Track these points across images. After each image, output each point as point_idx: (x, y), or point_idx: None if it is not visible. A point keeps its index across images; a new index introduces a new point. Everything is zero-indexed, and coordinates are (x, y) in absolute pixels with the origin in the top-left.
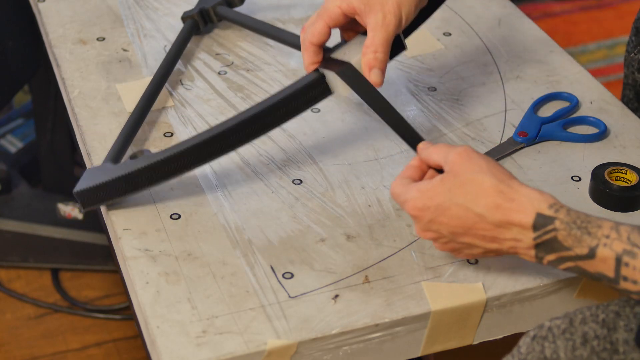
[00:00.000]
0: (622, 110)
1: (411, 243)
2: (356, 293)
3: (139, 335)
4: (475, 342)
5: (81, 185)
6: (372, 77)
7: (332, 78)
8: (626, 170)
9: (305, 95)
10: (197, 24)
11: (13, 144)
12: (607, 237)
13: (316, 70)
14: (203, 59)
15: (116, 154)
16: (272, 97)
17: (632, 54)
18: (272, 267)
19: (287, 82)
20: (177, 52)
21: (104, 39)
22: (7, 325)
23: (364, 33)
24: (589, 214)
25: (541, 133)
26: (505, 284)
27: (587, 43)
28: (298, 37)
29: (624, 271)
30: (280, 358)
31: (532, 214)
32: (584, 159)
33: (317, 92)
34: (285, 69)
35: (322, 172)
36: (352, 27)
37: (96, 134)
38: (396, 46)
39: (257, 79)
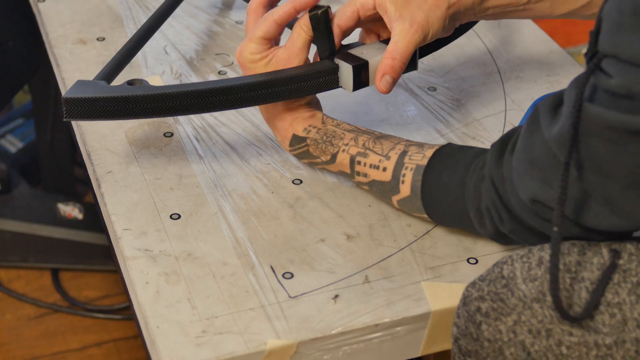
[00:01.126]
0: None
1: (411, 243)
2: (356, 293)
3: (139, 335)
4: None
5: (71, 93)
6: (382, 83)
7: (346, 71)
8: None
9: (314, 79)
10: None
11: (13, 144)
12: (346, 145)
13: (331, 59)
14: (203, 59)
15: (109, 74)
16: (283, 71)
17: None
18: (272, 267)
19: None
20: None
21: (104, 39)
22: (7, 325)
23: (384, 41)
24: (339, 128)
25: None
26: None
27: (587, 43)
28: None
29: (357, 168)
30: (280, 358)
31: (289, 135)
32: None
33: (327, 81)
34: None
35: (322, 172)
36: (374, 29)
37: (96, 134)
38: (409, 63)
39: None
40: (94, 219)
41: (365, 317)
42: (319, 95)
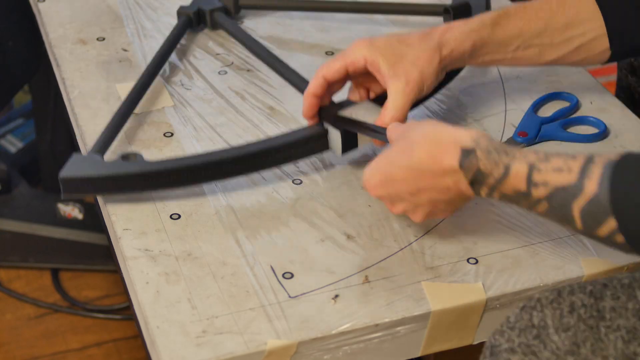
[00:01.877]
0: (622, 111)
1: (411, 243)
2: (356, 293)
3: (139, 335)
4: (475, 342)
5: (67, 172)
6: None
7: (335, 136)
8: None
9: (304, 146)
10: (192, 22)
11: (13, 144)
12: (522, 153)
13: (320, 124)
14: (203, 59)
15: (103, 145)
16: (273, 140)
17: None
18: (272, 267)
19: (287, 82)
20: (170, 46)
21: (104, 39)
22: (7, 325)
23: (374, 100)
24: (509, 145)
25: (541, 133)
26: (505, 284)
27: None
28: (288, 67)
29: (535, 177)
30: (280, 358)
31: (457, 151)
32: None
33: (316, 146)
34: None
35: (322, 172)
36: (365, 83)
37: (96, 134)
38: None
39: (257, 79)
40: (94, 219)
41: (365, 317)
42: None
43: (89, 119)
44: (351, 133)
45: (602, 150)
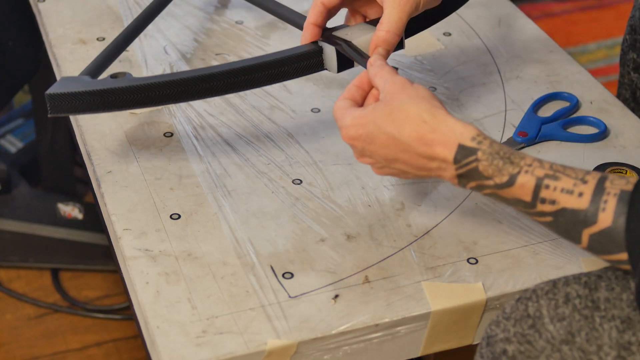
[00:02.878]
0: (622, 110)
1: (411, 243)
2: (356, 293)
3: (139, 335)
4: (475, 342)
5: (54, 89)
6: (375, 57)
7: (330, 53)
8: (626, 170)
9: (298, 63)
10: None
11: (13, 144)
12: (530, 165)
13: (315, 42)
14: (203, 59)
15: (95, 69)
16: (266, 56)
17: (628, 53)
18: (272, 267)
19: (287, 82)
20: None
21: (104, 39)
22: (7, 325)
23: (369, 22)
24: (514, 150)
25: (541, 133)
26: (505, 284)
27: (587, 43)
28: (300, 15)
29: (543, 193)
30: (280, 358)
31: (454, 146)
32: (584, 159)
33: (311, 64)
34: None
35: (322, 172)
36: (361, 10)
37: (96, 134)
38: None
39: None
40: (94, 219)
41: (365, 317)
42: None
43: (89, 119)
44: (349, 49)
45: (602, 150)
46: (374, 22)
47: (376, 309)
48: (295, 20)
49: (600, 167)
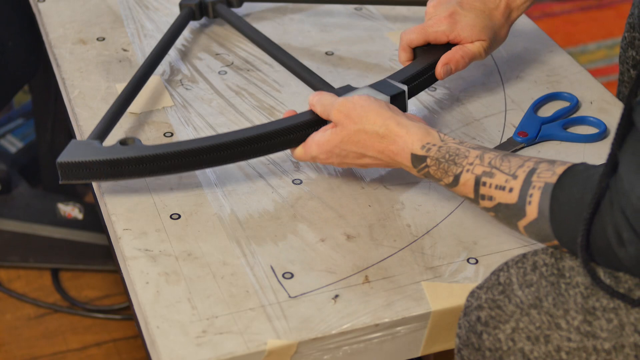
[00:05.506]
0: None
1: (411, 243)
2: (356, 293)
3: (139, 335)
4: None
5: (65, 156)
6: (443, 69)
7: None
8: None
9: (302, 131)
10: (194, 14)
11: (13, 144)
12: (471, 164)
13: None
14: (203, 59)
15: (102, 132)
16: (271, 124)
17: (627, 51)
18: (272, 267)
19: (287, 82)
20: (171, 38)
21: (104, 39)
22: (7, 325)
23: (373, 85)
24: (463, 145)
25: (541, 133)
26: None
27: (587, 43)
28: (291, 56)
29: (482, 190)
30: (281, 358)
31: (408, 155)
32: (584, 159)
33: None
34: (284, 69)
35: (322, 172)
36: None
37: None
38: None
39: (257, 79)
40: (94, 219)
41: (365, 317)
42: None
43: (89, 119)
44: None
45: (602, 150)
46: (381, 87)
47: (376, 309)
48: (300, 73)
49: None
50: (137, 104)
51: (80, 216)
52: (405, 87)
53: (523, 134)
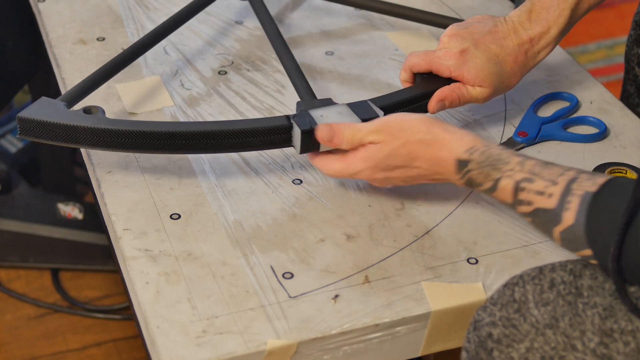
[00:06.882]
0: (622, 110)
1: (411, 243)
2: (356, 293)
3: (139, 335)
4: None
5: (28, 112)
6: (437, 106)
7: (297, 133)
8: (626, 170)
9: (266, 135)
10: None
11: (13, 144)
12: (511, 170)
13: (288, 117)
14: (203, 59)
15: (75, 95)
16: (235, 122)
17: (632, 49)
18: (272, 267)
19: (287, 82)
20: (192, 10)
21: (104, 39)
22: (7, 325)
23: (352, 105)
24: (505, 151)
25: (541, 133)
26: None
27: (587, 43)
28: (290, 54)
29: (521, 195)
30: (281, 358)
31: (454, 161)
32: (584, 159)
33: (278, 139)
34: (284, 69)
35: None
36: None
37: None
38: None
39: (257, 79)
40: (94, 219)
41: (365, 317)
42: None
43: None
44: (312, 135)
45: (602, 150)
46: (358, 108)
47: (376, 309)
48: (295, 79)
49: (600, 167)
50: (137, 104)
51: (80, 216)
52: (381, 113)
53: (523, 134)
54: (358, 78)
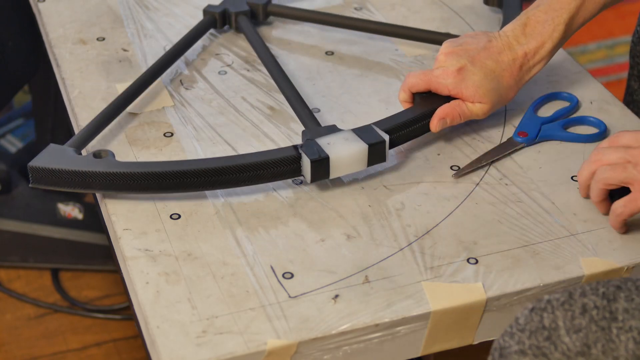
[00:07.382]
0: (622, 110)
1: (411, 243)
2: (356, 293)
3: (139, 335)
4: (476, 342)
5: (38, 161)
6: (439, 123)
7: (306, 163)
8: None
9: (275, 167)
10: (216, 22)
11: (13, 144)
12: None
13: (296, 147)
14: (203, 59)
15: (81, 141)
16: (244, 157)
17: (638, 45)
18: (272, 267)
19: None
20: (188, 43)
21: (104, 39)
22: (7, 325)
23: (356, 130)
24: None
25: (541, 133)
26: (505, 284)
27: (587, 43)
28: (289, 81)
29: None
30: (281, 358)
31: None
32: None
33: (288, 170)
34: (283, 69)
35: None
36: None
37: None
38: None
39: (257, 79)
40: (94, 219)
41: (365, 317)
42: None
43: (89, 119)
44: (322, 164)
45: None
46: (363, 133)
47: (376, 309)
48: (293, 103)
49: None
50: (137, 104)
51: (80, 216)
52: (387, 137)
53: (523, 134)
54: (358, 78)
